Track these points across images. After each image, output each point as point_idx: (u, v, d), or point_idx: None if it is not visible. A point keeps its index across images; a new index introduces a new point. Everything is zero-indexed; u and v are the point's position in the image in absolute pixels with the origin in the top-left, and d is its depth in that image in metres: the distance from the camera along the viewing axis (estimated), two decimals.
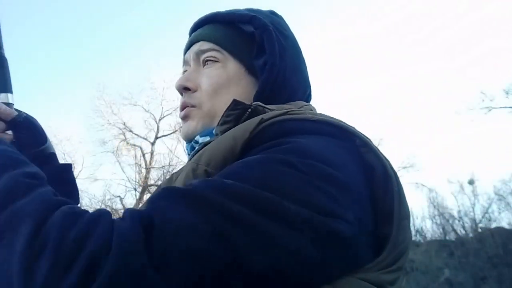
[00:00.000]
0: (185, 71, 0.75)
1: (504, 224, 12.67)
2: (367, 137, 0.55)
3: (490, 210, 13.10)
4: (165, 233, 0.38)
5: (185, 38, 0.78)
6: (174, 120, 13.68)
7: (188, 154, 0.71)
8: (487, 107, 10.36)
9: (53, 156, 0.71)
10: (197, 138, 0.69)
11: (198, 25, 0.75)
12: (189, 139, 0.70)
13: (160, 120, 13.87)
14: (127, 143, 13.68)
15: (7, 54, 0.74)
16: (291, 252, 0.41)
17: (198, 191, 0.43)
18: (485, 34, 22.03)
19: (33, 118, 0.68)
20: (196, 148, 0.66)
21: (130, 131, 13.81)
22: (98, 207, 11.55)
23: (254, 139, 0.52)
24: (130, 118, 14.09)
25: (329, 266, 0.44)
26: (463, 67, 22.02)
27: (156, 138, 13.63)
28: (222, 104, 0.65)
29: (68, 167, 0.72)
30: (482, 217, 13.11)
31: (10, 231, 0.39)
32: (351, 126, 0.56)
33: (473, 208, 13.17)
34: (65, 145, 14.06)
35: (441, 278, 11.63)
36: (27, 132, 0.66)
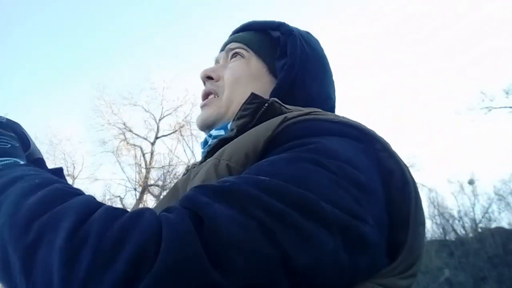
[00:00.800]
0: None
1: (504, 224, 12.69)
2: (386, 142, 0.55)
3: (490, 210, 13.11)
4: (215, 227, 0.37)
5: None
6: (174, 120, 13.72)
7: (203, 150, 0.72)
8: (487, 107, 10.37)
9: (40, 161, 0.69)
10: (212, 131, 0.71)
11: (234, 32, 0.82)
12: (203, 127, 0.73)
13: (160, 120, 13.90)
14: (127, 143, 13.69)
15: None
16: (327, 253, 0.41)
17: (237, 187, 0.42)
18: (485, 34, 22.04)
19: (14, 122, 0.65)
20: (210, 142, 0.68)
21: (130, 131, 13.83)
22: None
23: (277, 137, 0.52)
24: (130, 118, 14.12)
25: (355, 270, 0.44)
26: (463, 67, 22.03)
27: (156, 138, 13.63)
28: (239, 94, 0.69)
29: (58, 172, 0.69)
30: (482, 217, 13.11)
31: (50, 230, 0.37)
32: (371, 130, 0.56)
33: (473, 208, 13.19)
34: (65, 145, 14.10)
35: (441, 278, 11.63)
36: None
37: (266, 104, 0.59)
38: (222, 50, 0.81)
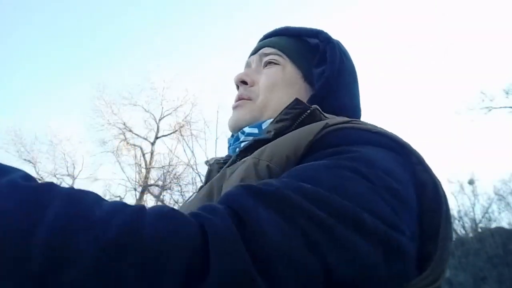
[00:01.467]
0: None
1: (504, 224, 12.69)
2: (421, 155, 0.55)
3: (490, 210, 13.12)
4: (260, 234, 0.36)
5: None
6: (174, 120, 13.71)
7: (231, 145, 0.73)
8: (487, 107, 10.37)
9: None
10: (245, 128, 0.70)
11: (267, 36, 0.81)
12: (236, 129, 0.72)
13: (160, 120, 13.89)
14: (127, 143, 13.69)
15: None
16: (370, 265, 0.40)
17: (282, 194, 0.40)
18: (485, 33, 22.05)
19: None
20: (242, 138, 0.69)
21: (130, 131, 13.82)
22: None
23: (318, 142, 0.53)
24: (130, 118, 14.10)
25: (392, 281, 0.43)
26: (463, 67, 22.03)
27: (156, 138, 13.63)
28: (274, 100, 0.71)
29: None
30: (482, 217, 13.12)
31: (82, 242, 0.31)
32: (407, 142, 0.56)
33: (473, 208, 13.19)
34: (65, 145, 14.09)
35: None
36: None
37: (308, 111, 0.60)
38: (253, 53, 0.80)
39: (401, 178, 0.49)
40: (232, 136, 0.75)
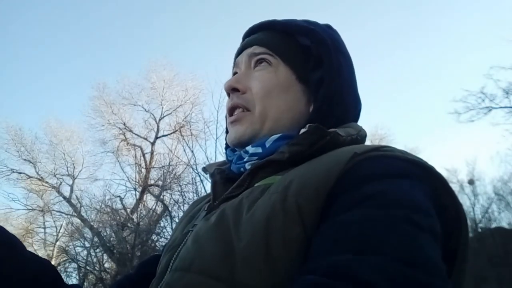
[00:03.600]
0: (235, 73, 0.75)
1: (504, 224, 12.68)
2: (445, 178, 0.54)
3: (490, 210, 13.12)
4: None
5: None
6: (174, 120, 13.71)
7: (233, 162, 0.69)
8: (487, 107, 10.36)
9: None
10: (248, 148, 0.66)
11: (253, 31, 0.76)
12: (238, 145, 0.68)
13: (160, 120, 13.89)
14: (127, 143, 13.69)
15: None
16: None
17: (366, 280, 0.39)
18: (485, 33, 22.06)
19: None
20: (247, 159, 0.65)
21: (130, 131, 13.81)
22: (98, 207, 11.56)
23: (349, 174, 0.50)
24: (130, 118, 14.12)
25: None
26: (463, 67, 22.02)
27: (156, 138, 13.63)
28: (273, 108, 0.66)
29: None
30: (482, 217, 13.11)
31: None
32: (432, 167, 0.55)
33: (473, 208, 13.17)
34: (65, 145, 14.09)
35: None
36: None
37: (328, 137, 0.58)
38: (240, 51, 0.75)
39: (431, 212, 0.48)
40: (232, 150, 0.72)
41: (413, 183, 0.50)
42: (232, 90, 0.70)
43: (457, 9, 22.41)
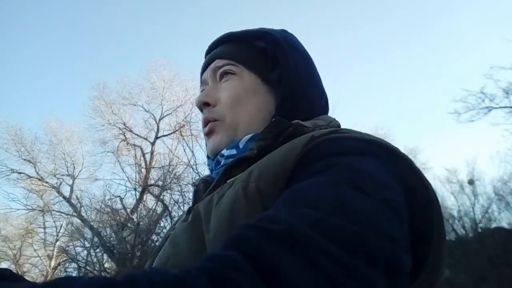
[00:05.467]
0: (202, 90, 0.77)
1: (504, 224, 12.66)
2: (410, 159, 0.54)
3: (490, 210, 13.11)
4: (285, 285, 0.34)
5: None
6: (174, 120, 13.71)
7: (212, 170, 0.71)
8: (487, 107, 10.35)
9: None
10: (223, 151, 0.68)
11: (213, 47, 0.79)
12: (216, 153, 0.70)
13: (160, 120, 13.89)
14: (127, 143, 13.69)
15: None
16: None
17: (297, 232, 0.38)
18: (485, 33, 22.05)
19: None
20: (223, 162, 0.67)
21: (130, 131, 13.82)
22: (98, 207, 11.56)
23: (306, 155, 0.51)
24: (130, 118, 14.12)
25: None
26: (463, 67, 22.02)
27: (156, 138, 13.63)
28: (243, 114, 0.69)
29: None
30: (482, 217, 13.10)
31: None
32: (395, 147, 0.55)
33: (473, 208, 13.16)
34: (65, 145, 14.10)
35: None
36: None
37: (291, 128, 0.60)
38: (204, 68, 0.78)
39: (391, 185, 0.48)
40: (211, 159, 0.73)
41: (374, 161, 0.50)
42: (203, 105, 0.73)
43: (457, 9, 22.43)
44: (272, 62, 0.72)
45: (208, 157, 0.76)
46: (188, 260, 0.49)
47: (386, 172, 0.50)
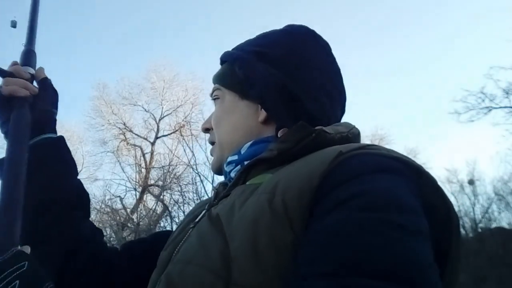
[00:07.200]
0: None
1: (504, 224, 12.67)
2: (434, 177, 0.54)
3: (490, 210, 13.11)
4: None
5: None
6: (174, 120, 13.72)
7: (226, 177, 0.73)
8: (487, 107, 10.35)
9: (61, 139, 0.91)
10: (228, 158, 0.72)
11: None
12: (216, 171, 0.77)
13: (160, 120, 13.92)
14: (127, 143, 13.70)
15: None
16: None
17: None
18: (485, 33, 22.05)
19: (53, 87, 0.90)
20: (229, 169, 0.71)
21: (130, 131, 13.84)
22: (98, 207, 11.56)
23: (333, 173, 0.51)
24: (130, 118, 14.14)
25: None
26: (463, 67, 22.03)
27: (156, 138, 13.65)
28: (223, 135, 0.74)
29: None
30: (482, 217, 13.11)
31: None
32: (420, 165, 0.55)
33: (473, 208, 13.17)
34: None
35: None
36: (49, 93, 0.90)
37: (313, 134, 0.60)
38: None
39: (416, 209, 0.49)
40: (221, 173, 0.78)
41: (398, 180, 0.51)
42: (204, 131, 0.80)
43: (457, 9, 22.44)
44: (245, 82, 0.71)
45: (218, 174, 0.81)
46: (215, 261, 0.51)
47: (410, 192, 0.50)
